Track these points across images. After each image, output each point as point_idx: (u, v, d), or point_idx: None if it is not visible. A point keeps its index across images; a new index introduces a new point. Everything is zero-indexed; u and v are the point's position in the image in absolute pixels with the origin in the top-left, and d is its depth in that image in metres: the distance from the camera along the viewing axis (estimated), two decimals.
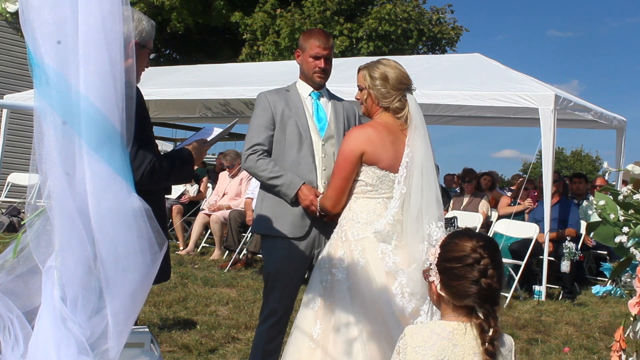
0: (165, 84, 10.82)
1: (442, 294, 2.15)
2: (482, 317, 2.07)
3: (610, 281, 6.72)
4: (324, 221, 3.50)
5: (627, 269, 2.02)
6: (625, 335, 2.13)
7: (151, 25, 2.80)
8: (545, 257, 7.61)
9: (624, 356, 2.12)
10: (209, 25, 18.31)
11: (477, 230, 8.40)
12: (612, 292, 2.08)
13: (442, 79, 8.97)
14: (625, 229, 1.90)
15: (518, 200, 9.05)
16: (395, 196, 3.13)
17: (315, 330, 3.09)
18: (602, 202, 2.01)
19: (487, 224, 8.91)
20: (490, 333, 2.05)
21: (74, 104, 1.71)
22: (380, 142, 3.17)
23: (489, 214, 9.30)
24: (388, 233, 3.09)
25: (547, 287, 7.71)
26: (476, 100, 8.51)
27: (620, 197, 1.96)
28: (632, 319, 2.12)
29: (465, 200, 9.39)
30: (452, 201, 9.54)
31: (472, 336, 2.09)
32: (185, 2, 17.13)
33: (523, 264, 7.57)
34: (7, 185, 11.97)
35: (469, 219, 8.68)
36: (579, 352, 5.48)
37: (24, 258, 1.98)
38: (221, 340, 5.11)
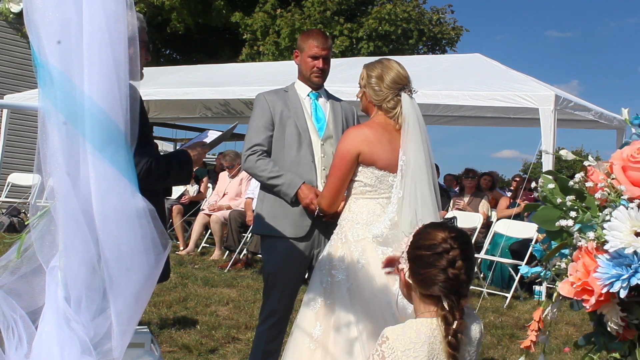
0: (165, 84, 10.81)
1: (410, 281, 2.14)
2: (447, 309, 2.05)
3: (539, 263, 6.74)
4: (324, 221, 3.51)
5: (562, 252, 2.02)
6: (543, 316, 2.18)
7: (140, 23, 2.80)
8: None
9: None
10: (209, 25, 18.34)
11: (478, 230, 8.44)
12: (542, 274, 2.11)
13: (442, 79, 8.96)
14: (573, 214, 1.88)
15: (517, 201, 9.04)
16: (393, 200, 3.12)
17: (315, 331, 3.09)
18: (551, 186, 1.99)
19: (487, 224, 8.91)
20: (455, 326, 2.03)
21: (78, 104, 1.72)
22: (378, 142, 3.17)
23: (489, 214, 9.30)
24: (386, 237, 3.08)
25: (547, 287, 7.71)
26: (476, 100, 8.50)
27: (571, 183, 1.94)
28: (553, 300, 2.17)
29: (466, 200, 9.37)
30: (452, 201, 9.52)
31: None
32: (185, 2, 17.15)
33: (523, 264, 7.55)
34: (7, 185, 11.97)
35: (469, 219, 8.67)
36: (579, 352, 5.48)
37: (28, 258, 1.98)
38: (221, 341, 5.11)
